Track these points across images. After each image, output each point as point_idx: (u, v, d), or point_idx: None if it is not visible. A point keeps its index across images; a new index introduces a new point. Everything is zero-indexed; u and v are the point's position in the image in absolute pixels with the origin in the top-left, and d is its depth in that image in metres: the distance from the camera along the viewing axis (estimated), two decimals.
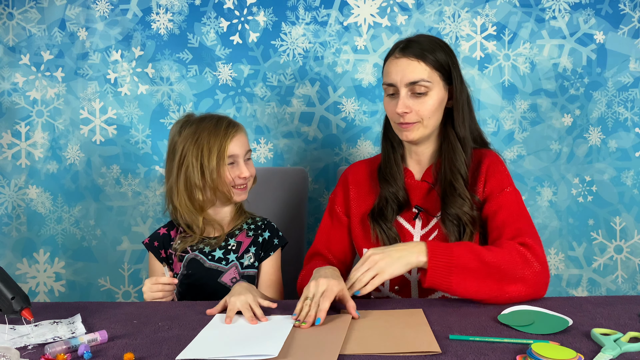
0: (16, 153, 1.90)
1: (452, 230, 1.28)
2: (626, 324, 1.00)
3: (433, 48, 1.28)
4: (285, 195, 1.76)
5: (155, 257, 1.45)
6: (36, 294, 1.92)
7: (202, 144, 1.35)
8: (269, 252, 1.44)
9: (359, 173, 1.45)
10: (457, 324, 1.01)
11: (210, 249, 1.41)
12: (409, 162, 1.40)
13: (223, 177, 1.37)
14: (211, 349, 0.91)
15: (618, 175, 1.90)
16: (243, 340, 0.95)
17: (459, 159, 1.30)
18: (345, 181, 1.46)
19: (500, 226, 1.24)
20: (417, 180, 1.38)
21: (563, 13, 1.88)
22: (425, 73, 1.27)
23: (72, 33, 1.89)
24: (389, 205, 1.35)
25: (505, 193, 1.28)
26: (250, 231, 1.45)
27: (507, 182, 1.31)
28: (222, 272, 1.40)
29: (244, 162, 1.39)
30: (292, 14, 1.89)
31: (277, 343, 0.91)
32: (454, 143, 1.32)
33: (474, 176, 1.33)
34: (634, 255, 1.91)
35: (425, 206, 1.35)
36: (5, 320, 1.05)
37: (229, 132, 1.37)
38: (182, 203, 1.39)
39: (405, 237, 1.34)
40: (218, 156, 1.35)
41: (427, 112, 1.28)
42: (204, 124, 1.38)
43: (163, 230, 1.47)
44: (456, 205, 1.27)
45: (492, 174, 1.31)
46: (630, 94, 1.89)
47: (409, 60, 1.27)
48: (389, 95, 1.31)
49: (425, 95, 1.27)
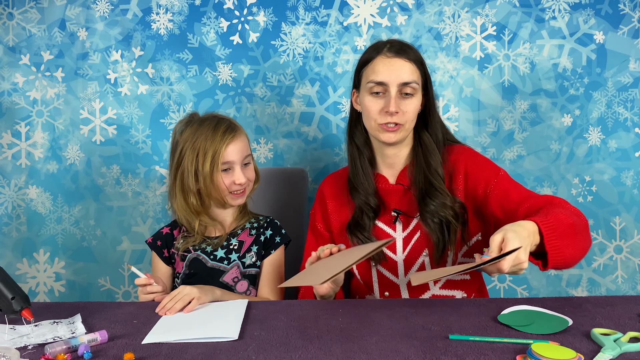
0: (16, 153, 1.90)
1: (434, 228, 1.28)
2: (626, 324, 1.00)
3: (413, 50, 1.32)
4: (285, 195, 1.76)
5: (159, 256, 1.45)
6: (36, 294, 1.92)
7: (198, 149, 1.35)
8: (270, 250, 1.44)
9: (334, 185, 1.46)
10: (457, 324, 1.01)
11: (212, 248, 1.41)
12: (380, 166, 1.39)
13: (216, 183, 1.36)
14: (174, 333, 0.98)
15: (618, 175, 1.90)
16: (202, 323, 1.04)
17: (435, 159, 1.32)
18: (322, 196, 1.47)
19: (520, 202, 1.22)
20: (392, 184, 1.38)
21: (563, 13, 1.88)
22: (416, 75, 1.29)
23: (72, 33, 1.89)
24: (364, 214, 1.35)
25: (501, 177, 1.29)
26: (252, 230, 1.45)
27: (495, 167, 1.32)
28: (224, 272, 1.40)
29: (240, 167, 1.38)
30: (292, 14, 1.89)
31: (235, 326, 1.01)
32: (429, 145, 1.33)
33: (451, 176, 1.34)
34: (633, 255, 1.91)
35: (403, 209, 1.35)
36: (5, 320, 1.05)
37: (225, 138, 1.35)
38: (179, 205, 1.40)
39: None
40: (212, 162, 1.34)
41: (412, 114, 1.30)
42: (202, 127, 1.37)
43: (166, 229, 1.48)
44: (436, 202, 1.28)
45: (477, 168, 1.32)
46: (630, 94, 1.89)
47: (404, 61, 1.28)
48: (372, 94, 1.30)
49: (412, 96, 1.29)
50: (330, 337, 0.96)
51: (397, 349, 0.90)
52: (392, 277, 1.35)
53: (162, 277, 1.44)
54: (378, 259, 1.34)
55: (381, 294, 1.37)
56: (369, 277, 1.38)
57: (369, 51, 1.33)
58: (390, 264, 1.34)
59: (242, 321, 1.04)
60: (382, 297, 1.37)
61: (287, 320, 1.06)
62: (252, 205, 1.54)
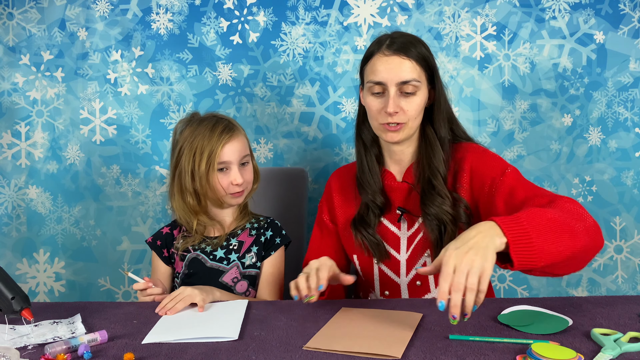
0: (16, 153, 1.90)
1: (433, 230, 1.26)
2: (626, 324, 1.00)
3: (416, 45, 1.26)
4: (285, 195, 1.76)
5: (158, 256, 1.45)
6: (36, 294, 1.92)
7: (196, 149, 1.35)
8: (270, 251, 1.44)
9: (342, 179, 1.45)
10: (457, 324, 1.01)
11: (212, 248, 1.41)
12: (388, 163, 1.38)
13: (212, 183, 1.36)
14: (174, 333, 0.99)
15: (618, 175, 1.90)
16: (202, 323, 1.05)
17: (437, 157, 1.29)
18: (329, 189, 1.46)
19: (528, 199, 1.15)
20: (399, 182, 1.36)
21: (563, 13, 1.88)
22: (416, 72, 1.25)
23: (72, 33, 1.89)
24: (370, 211, 1.34)
25: (507, 174, 1.23)
26: (253, 230, 1.45)
27: (503, 164, 1.26)
28: (223, 272, 1.40)
29: (238, 168, 1.38)
30: (292, 14, 1.89)
31: (235, 326, 1.01)
32: (432, 142, 1.30)
33: (456, 174, 1.30)
34: (634, 255, 1.91)
35: (408, 207, 1.33)
36: (5, 320, 1.05)
37: (222, 138, 1.35)
38: (177, 205, 1.40)
39: (392, 240, 1.34)
40: (208, 162, 1.34)
41: (414, 112, 1.26)
42: (201, 126, 1.37)
43: (166, 229, 1.48)
44: (436, 204, 1.25)
45: (484, 166, 1.27)
46: (630, 94, 1.89)
47: (401, 59, 1.24)
48: (373, 94, 1.27)
49: (414, 95, 1.25)
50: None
51: None
52: (393, 277, 1.34)
53: (161, 277, 1.44)
54: (381, 256, 1.34)
55: (381, 292, 1.36)
56: (370, 274, 1.37)
57: (372, 45, 1.30)
58: (392, 262, 1.34)
59: (242, 321, 1.04)
60: (382, 296, 1.36)
61: (287, 320, 1.06)
62: (253, 205, 1.54)
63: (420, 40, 1.30)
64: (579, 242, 0.99)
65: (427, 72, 1.28)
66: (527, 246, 0.93)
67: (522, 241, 0.93)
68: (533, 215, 0.98)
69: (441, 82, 1.32)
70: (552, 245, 0.95)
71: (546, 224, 0.97)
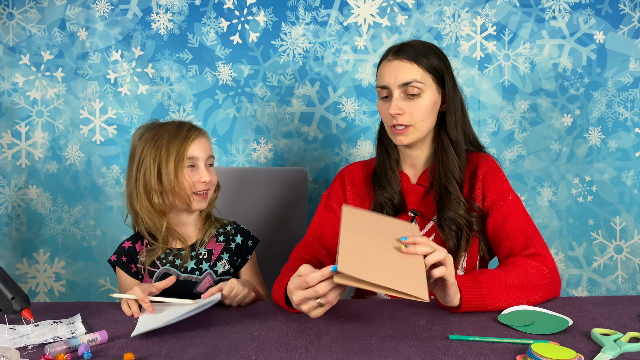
0: (16, 153, 1.90)
1: (450, 235, 1.27)
2: (626, 324, 1.00)
3: (426, 52, 1.29)
4: (285, 195, 1.76)
5: (127, 272, 1.39)
6: (36, 294, 1.92)
7: (161, 147, 1.32)
8: (247, 256, 1.42)
9: (355, 175, 1.44)
10: (457, 324, 1.01)
11: (182, 261, 1.37)
12: (404, 165, 1.39)
13: (181, 180, 1.33)
14: (161, 321, 1.01)
15: (618, 175, 1.90)
16: (182, 312, 1.04)
17: (452, 162, 1.30)
18: (342, 180, 1.45)
19: (510, 235, 1.24)
20: (413, 184, 1.37)
21: (563, 13, 1.88)
22: (418, 74, 1.27)
23: (72, 33, 1.89)
24: (384, 211, 1.34)
25: (507, 201, 1.28)
26: (220, 236, 1.42)
27: (507, 190, 1.31)
28: (196, 283, 1.37)
29: (205, 167, 1.36)
30: (292, 14, 1.89)
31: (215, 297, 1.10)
32: (447, 147, 1.31)
33: (471, 182, 1.33)
34: (634, 255, 1.91)
35: (421, 210, 1.34)
36: (5, 320, 1.05)
37: (190, 134, 1.34)
38: (142, 207, 1.34)
39: None
40: (177, 159, 1.32)
41: (419, 114, 1.27)
42: (164, 128, 1.36)
43: (127, 243, 1.41)
44: (452, 209, 1.27)
45: (491, 182, 1.31)
46: (630, 94, 1.89)
47: (402, 62, 1.27)
48: (382, 99, 1.31)
49: (418, 97, 1.27)
50: (330, 337, 0.96)
51: (397, 349, 0.90)
52: None
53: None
54: None
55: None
56: None
57: (382, 56, 1.34)
58: None
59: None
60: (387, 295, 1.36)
61: (287, 320, 1.06)
62: (252, 205, 1.54)
63: (431, 45, 1.32)
64: (531, 298, 1.12)
65: (433, 74, 1.29)
66: (479, 307, 1.08)
67: (475, 304, 1.08)
68: (496, 287, 1.09)
69: (456, 85, 1.33)
70: (502, 305, 1.09)
71: (504, 291, 1.10)
